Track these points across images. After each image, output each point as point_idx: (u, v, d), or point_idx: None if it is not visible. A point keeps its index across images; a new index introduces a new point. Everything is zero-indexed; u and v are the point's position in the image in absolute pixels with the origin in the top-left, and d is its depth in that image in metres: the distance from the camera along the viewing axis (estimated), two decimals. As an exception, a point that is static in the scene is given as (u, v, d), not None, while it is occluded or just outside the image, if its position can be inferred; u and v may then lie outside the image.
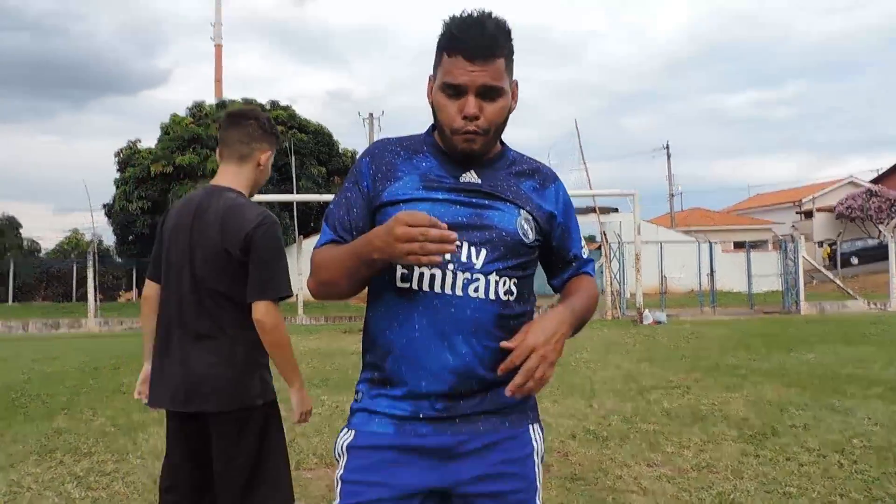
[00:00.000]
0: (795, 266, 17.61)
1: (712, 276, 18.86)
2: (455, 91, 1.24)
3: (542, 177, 1.41)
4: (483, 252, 1.26)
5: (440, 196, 1.28)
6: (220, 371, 2.06)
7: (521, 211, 1.32)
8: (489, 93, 1.24)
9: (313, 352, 10.46)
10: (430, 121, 1.35)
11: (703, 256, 19.86)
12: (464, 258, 1.25)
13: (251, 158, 2.25)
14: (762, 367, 7.82)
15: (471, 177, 1.32)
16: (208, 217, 2.12)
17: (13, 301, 25.88)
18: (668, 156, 43.51)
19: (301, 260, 17.16)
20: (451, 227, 1.16)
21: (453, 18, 1.25)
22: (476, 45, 1.21)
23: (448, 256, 1.21)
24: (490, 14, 1.25)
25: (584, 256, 1.45)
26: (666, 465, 4.08)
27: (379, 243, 1.13)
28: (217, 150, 2.31)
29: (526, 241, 1.31)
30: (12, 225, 32.39)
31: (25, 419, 5.75)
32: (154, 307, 2.25)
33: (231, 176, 2.24)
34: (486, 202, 1.30)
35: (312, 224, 27.02)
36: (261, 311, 2.04)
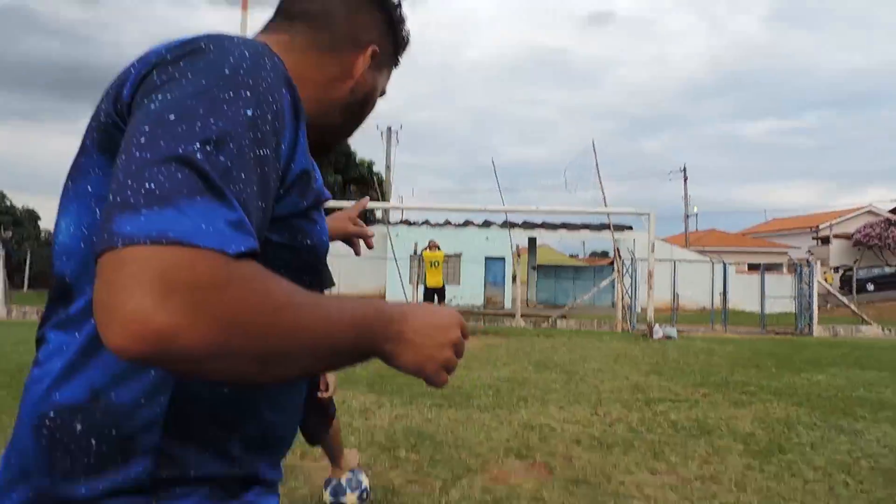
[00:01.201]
0: (810, 289, 17.47)
1: (725, 296, 18.73)
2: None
3: None
4: None
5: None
6: None
7: None
8: None
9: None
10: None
11: (717, 276, 19.73)
12: None
13: None
14: (772, 385, 7.74)
15: None
16: None
17: (28, 289, 26.22)
18: (685, 178, 43.38)
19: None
20: None
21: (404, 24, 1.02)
22: None
23: None
24: None
25: None
26: (669, 475, 4.06)
27: (416, 336, 0.68)
28: None
29: None
30: (31, 217, 33.03)
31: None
32: None
33: None
34: None
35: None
36: None
